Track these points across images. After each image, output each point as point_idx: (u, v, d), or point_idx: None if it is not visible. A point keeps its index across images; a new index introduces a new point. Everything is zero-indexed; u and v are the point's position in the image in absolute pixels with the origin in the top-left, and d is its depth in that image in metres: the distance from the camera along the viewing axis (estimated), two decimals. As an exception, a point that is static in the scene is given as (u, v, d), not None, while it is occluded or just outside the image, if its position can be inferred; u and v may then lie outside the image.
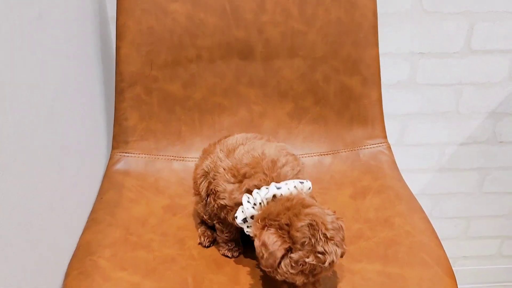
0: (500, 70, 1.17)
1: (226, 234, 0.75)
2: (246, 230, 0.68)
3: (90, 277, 0.70)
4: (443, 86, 1.18)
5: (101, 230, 0.80)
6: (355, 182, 0.93)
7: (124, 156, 0.96)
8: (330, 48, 0.95)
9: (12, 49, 0.60)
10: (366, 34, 0.94)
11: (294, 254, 0.61)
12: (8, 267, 0.58)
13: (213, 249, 0.79)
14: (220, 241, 0.77)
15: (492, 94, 1.20)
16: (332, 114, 0.99)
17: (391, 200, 0.86)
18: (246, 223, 0.67)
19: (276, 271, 0.62)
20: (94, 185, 0.91)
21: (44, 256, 0.68)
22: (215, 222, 0.76)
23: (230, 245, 0.76)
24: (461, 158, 1.29)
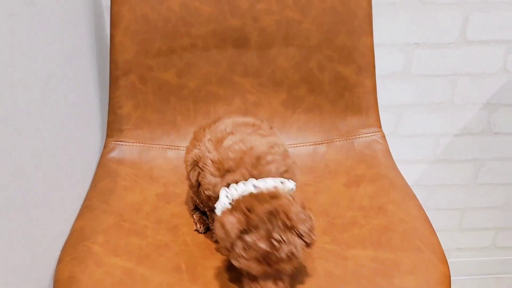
0: (495, 60, 1.17)
1: None
2: None
3: (83, 262, 0.70)
4: (438, 77, 1.18)
5: (94, 217, 0.80)
6: (349, 171, 0.93)
7: (118, 144, 0.95)
8: (325, 36, 0.95)
9: (5, 35, 0.59)
10: (361, 23, 0.94)
11: (247, 236, 0.60)
12: (4, 259, 0.58)
13: (207, 236, 0.79)
14: (212, 228, 0.77)
15: (487, 84, 1.20)
16: (326, 103, 0.99)
17: (385, 188, 0.86)
18: None
19: (231, 254, 0.62)
20: (88, 173, 0.91)
21: (36, 242, 0.68)
22: (207, 210, 0.76)
23: None
24: (455, 149, 1.30)
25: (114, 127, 0.96)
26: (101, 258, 0.72)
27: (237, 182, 0.66)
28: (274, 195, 0.63)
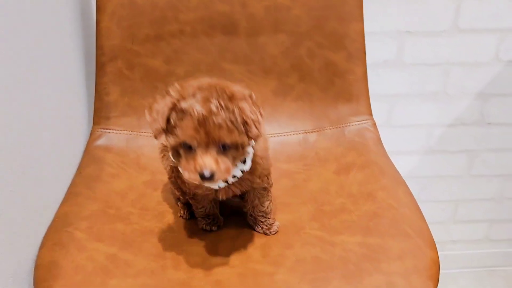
0: (488, 49, 1.16)
1: (201, 209, 0.74)
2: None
3: (65, 248, 0.69)
4: (431, 66, 1.17)
5: (78, 203, 0.78)
6: (340, 158, 0.92)
7: (105, 132, 0.94)
8: (315, 22, 0.93)
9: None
10: (351, 9, 0.92)
11: (184, 103, 0.58)
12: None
13: (192, 222, 0.78)
14: (197, 216, 0.76)
15: (480, 74, 1.19)
16: (317, 91, 0.98)
17: (375, 175, 0.85)
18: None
19: (165, 133, 0.59)
20: (74, 160, 0.89)
21: (19, 227, 0.66)
22: (188, 198, 0.75)
23: (208, 219, 0.75)
24: (449, 140, 1.28)
25: (100, 114, 0.94)
26: (83, 244, 0.70)
27: None
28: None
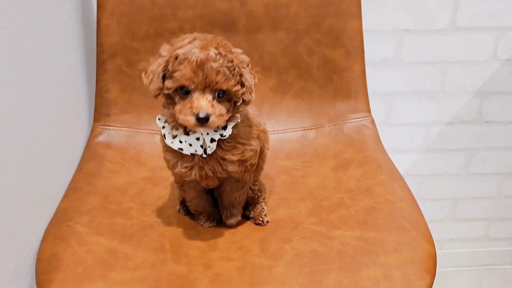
0: (485, 48, 1.17)
1: (190, 203, 0.75)
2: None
3: (66, 241, 0.70)
4: (429, 64, 1.18)
5: (79, 198, 0.79)
6: (338, 155, 0.93)
7: (105, 129, 0.95)
8: (313, 20, 0.94)
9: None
10: (349, 6, 0.93)
11: (182, 49, 0.60)
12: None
13: (192, 217, 0.78)
14: (192, 212, 0.77)
15: (478, 72, 1.20)
16: (315, 88, 0.99)
17: (373, 170, 0.86)
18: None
19: (161, 83, 0.62)
20: (75, 156, 0.90)
21: (20, 222, 0.67)
22: (179, 189, 0.76)
23: (203, 216, 0.76)
24: (447, 138, 1.29)
25: (101, 111, 0.95)
26: (84, 237, 0.71)
27: None
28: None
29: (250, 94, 0.64)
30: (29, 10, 0.71)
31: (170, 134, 0.67)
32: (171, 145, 0.66)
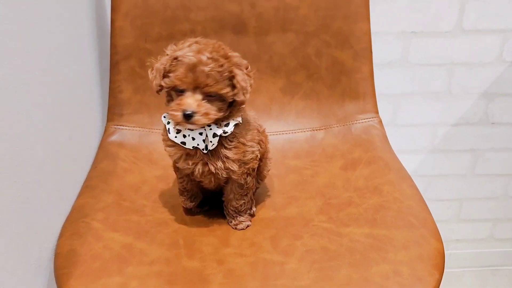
0: (491, 50, 1.18)
1: (180, 180, 0.78)
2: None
3: (83, 237, 0.72)
4: (435, 66, 1.19)
5: (94, 196, 0.81)
6: (346, 155, 0.94)
7: (118, 129, 0.97)
8: (322, 22, 0.96)
9: (7, 13, 0.61)
10: (357, 8, 0.95)
11: (180, 52, 0.65)
12: (3, 229, 0.59)
13: (205, 215, 0.80)
14: (179, 192, 0.79)
15: (484, 74, 1.21)
16: (324, 89, 1.00)
17: (381, 169, 0.87)
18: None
19: (164, 80, 0.66)
20: (89, 156, 0.92)
21: (38, 218, 0.69)
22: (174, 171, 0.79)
23: (186, 195, 0.79)
24: (453, 139, 1.31)
25: (114, 111, 0.97)
26: (100, 233, 0.73)
27: None
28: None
29: (244, 94, 0.68)
30: (46, 13, 0.73)
31: (174, 129, 0.70)
32: (175, 139, 0.70)
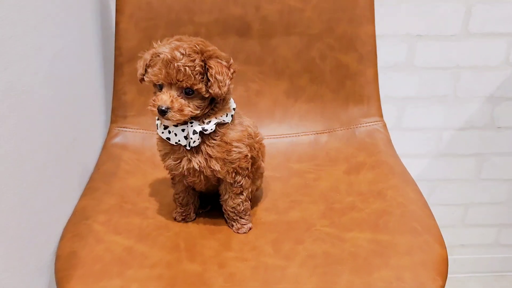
0: (498, 53, 1.17)
1: (176, 195, 0.78)
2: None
3: (84, 239, 0.72)
4: (441, 70, 1.19)
5: (97, 197, 0.81)
6: (350, 159, 0.94)
7: (122, 130, 0.97)
8: (326, 25, 0.96)
9: (13, 15, 0.61)
10: (362, 11, 0.94)
11: (158, 48, 0.67)
12: (5, 230, 0.59)
13: (207, 218, 0.80)
14: (174, 203, 0.79)
15: (490, 78, 1.20)
16: (328, 92, 1.00)
17: (385, 174, 0.87)
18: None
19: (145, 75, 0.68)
20: (93, 157, 0.92)
21: (40, 220, 0.69)
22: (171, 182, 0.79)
23: (180, 209, 0.79)
24: (458, 143, 1.30)
25: (118, 113, 0.97)
26: (101, 236, 0.73)
27: None
28: None
29: (220, 88, 0.67)
30: (51, 16, 0.74)
31: (162, 125, 0.71)
32: (162, 135, 0.72)
